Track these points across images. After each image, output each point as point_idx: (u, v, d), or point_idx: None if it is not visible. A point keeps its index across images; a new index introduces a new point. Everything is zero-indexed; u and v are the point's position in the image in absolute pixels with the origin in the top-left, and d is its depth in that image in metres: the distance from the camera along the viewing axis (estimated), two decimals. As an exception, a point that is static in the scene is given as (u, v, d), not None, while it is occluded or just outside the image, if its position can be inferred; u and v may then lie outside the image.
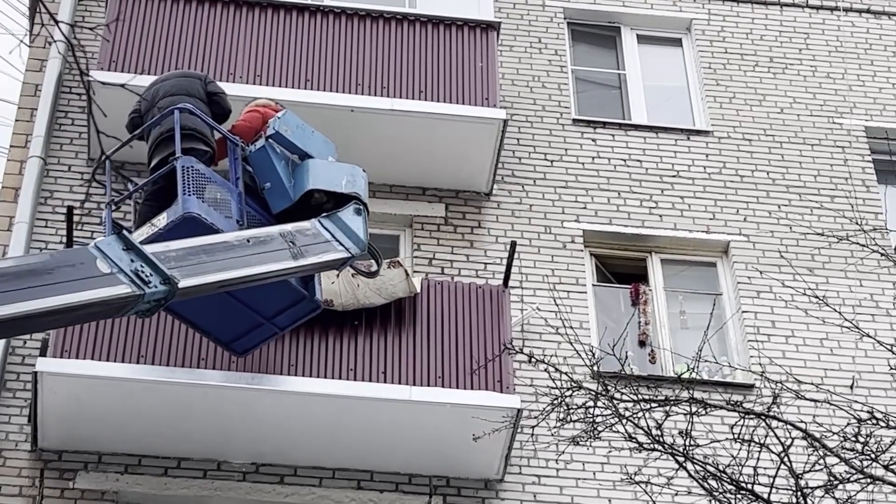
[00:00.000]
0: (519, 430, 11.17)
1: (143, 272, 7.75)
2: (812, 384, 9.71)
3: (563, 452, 10.38)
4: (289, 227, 9.85)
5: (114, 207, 10.55)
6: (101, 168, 10.78)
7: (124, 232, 8.00)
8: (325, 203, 10.45)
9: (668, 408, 8.72)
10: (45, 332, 10.70)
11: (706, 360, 9.78)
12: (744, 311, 13.00)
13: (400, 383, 11.17)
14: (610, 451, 10.67)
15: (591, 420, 8.72)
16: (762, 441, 8.63)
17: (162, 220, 9.92)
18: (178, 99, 10.66)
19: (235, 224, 10.00)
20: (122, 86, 6.94)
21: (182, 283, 8.03)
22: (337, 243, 10.06)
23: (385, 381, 11.17)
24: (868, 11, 15.54)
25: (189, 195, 9.89)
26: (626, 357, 9.19)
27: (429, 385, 11.19)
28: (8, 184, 12.72)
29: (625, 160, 13.97)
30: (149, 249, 8.03)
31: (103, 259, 7.60)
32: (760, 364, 11.16)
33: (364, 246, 10.35)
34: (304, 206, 10.42)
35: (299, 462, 11.45)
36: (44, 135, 12.84)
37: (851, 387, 12.36)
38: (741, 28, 15.21)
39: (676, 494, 9.16)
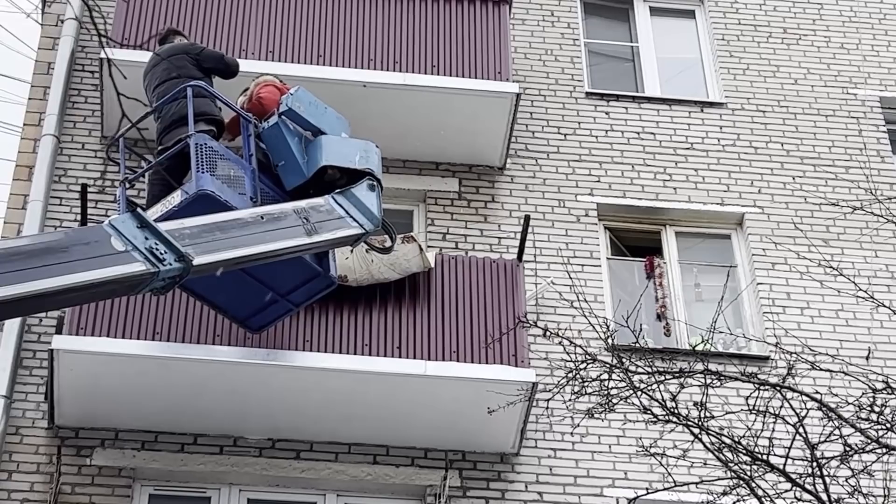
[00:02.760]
0: (534, 403, 11.18)
1: (157, 250, 7.75)
2: (827, 355, 9.71)
3: (578, 425, 10.38)
4: (303, 203, 9.83)
5: (128, 185, 10.55)
6: (116, 145, 10.77)
7: (138, 210, 7.99)
8: (338, 179, 10.40)
9: (682, 379, 8.70)
10: (60, 309, 10.73)
11: (721, 332, 9.76)
12: (758, 283, 12.97)
13: (415, 358, 11.18)
14: (625, 424, 10.67)
15: (606, 392, 8.71)
16: (777, 412, 8.62)
17: (176, 198, 9.91)
18: (173, 84, 10.64)
19: (249, 201, 9.98)
20: (141, 46, 6.88)
21: (196, 261, 8.02)
22: (351, 219, 10.03)
23: (400, 356, 11.17)
24: (882, -19, 15.48)
25: (203, 172, 9.89)
26: (641, 329, 9.15)
27: (444, 360, 11.19)
28: (22, 162, 12.73)
29: (638, 133, 13.94)
30: (163, 227, 8.03)
31: (118, 237, 7.60)
32: (776, 336, 11.14)
33: (378, 222, 10.33)
34: (318, 183, 10.39)
35: (315, 437, 11.48)
36: (57, 113, 12.85)
37: (867, 357, 12.35)
38: (754, -1, 15.16)
39: (692, 466, 9.15)
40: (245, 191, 10.08)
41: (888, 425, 8.44)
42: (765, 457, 8.48)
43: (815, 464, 8.43)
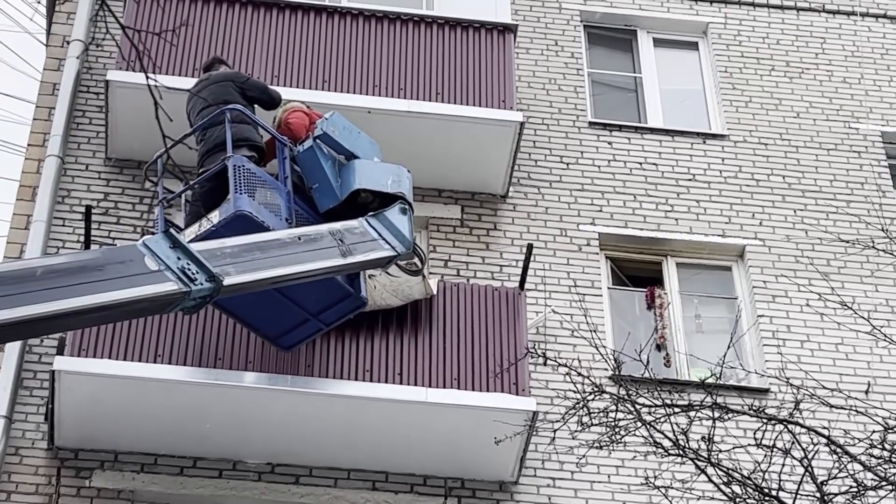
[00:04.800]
0: (534, 432, 11.17)
1: (189, 270, 7.86)
2: (830, 390, 9.71)
3: (584, 457, 10.34)
4: (338, 225, 10.04)
5: (166, 205, 10.63)
6: (154, 167, 10.84)
7: (171, 230, 8.11)
8: (370, 202, 10.64)
9: (693, 413, 8.69)
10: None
11: (731, 367, 9.75)
12: (759, 316, 12.99)
13: (415, 385, 11.18)
14: (634, 456, 10.64)
15: (614, 424, 8.70)
16: (786, 447, 8.61)
17: (214, 218, 10.09)
18: (218, 108, 10.76)
19: (284, 222, 10.20)
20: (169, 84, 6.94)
21: (227, 281, 8.17)
22: (384, 242, 10.23)
23: (401, 383, 11.17)
24: (885, 16, 15.54)
25: (240, 193, 10.06)
26: (649, 361, 9.16)
27: (444, 387, 11.20)
28: (25, 182, 12.74)
29: (640, 163, 13.98)
30: (198, 247, 8.19)
31: (151, 256, 7.73)
32: (782, 370, 11.13)
33: (410, 245, 10.52)
34: (351, 206, 10.59)
35: (315, 462, 11.46)
36: (61, 134, 12.85)
37: (867, 391, 12.36)
38: (757, 32, 15.21)
39: (699, 499, 9.14)
40: (280, 212, 10.28)
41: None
42: (774, 492, 8.46)
43: (821, 500, 8.42)
